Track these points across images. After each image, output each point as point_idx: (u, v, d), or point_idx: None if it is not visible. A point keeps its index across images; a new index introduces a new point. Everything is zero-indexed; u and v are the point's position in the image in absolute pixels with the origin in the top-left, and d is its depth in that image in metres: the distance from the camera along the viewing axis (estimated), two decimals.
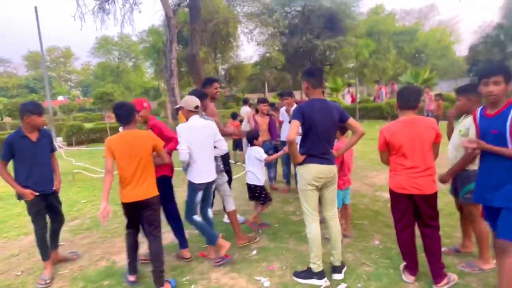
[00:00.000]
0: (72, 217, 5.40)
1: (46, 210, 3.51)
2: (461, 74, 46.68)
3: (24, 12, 55.12)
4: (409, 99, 2.72)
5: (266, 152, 5.81)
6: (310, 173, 2.83)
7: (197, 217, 3.44)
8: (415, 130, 2.64)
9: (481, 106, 2.47)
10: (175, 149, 3.38)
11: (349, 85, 19.28)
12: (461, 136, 2.90)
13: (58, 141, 15.53)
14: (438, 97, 11.71)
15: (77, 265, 3.66)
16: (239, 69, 28.50)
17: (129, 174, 2.92)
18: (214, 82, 4.24)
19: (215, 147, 3.46)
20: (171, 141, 3.42)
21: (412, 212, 2.75)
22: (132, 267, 3.19)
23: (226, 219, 4.48)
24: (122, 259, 3.70)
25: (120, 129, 3.13)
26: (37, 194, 3.36)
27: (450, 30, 54.60)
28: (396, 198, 2.78)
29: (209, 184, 3.45)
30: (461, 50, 53.12)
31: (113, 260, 3.70)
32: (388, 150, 2.80)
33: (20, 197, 3.34)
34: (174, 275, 3.25)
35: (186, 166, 3.64)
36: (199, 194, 3.40)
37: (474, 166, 2.81)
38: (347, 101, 19.12)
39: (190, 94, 3.81)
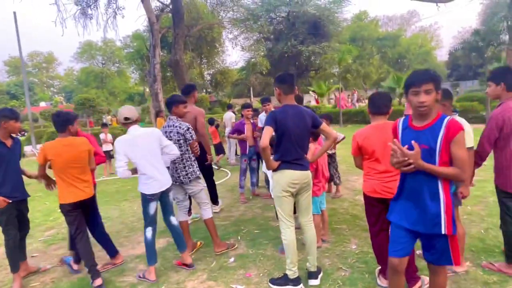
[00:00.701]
0: (48, 226, 5.26)
1: (16, 218, 3.39)
2: (442, 79, 47.95)
3: (4, 17, 53.96)
4: (379, 105, 2.75)
5: (250, 157, 5.82)
6: (284, 179, 2.82)
7: (149, 232, 3.33)
8: (387, 135, 2.66)
9: (404, 116, 2.21)
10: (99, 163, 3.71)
11: (314, 91, 19.76)
12: None
13: (39, 148, 15.14)
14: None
15: (49, 277, 3.54)
16: (225, 74, 28.47)
17: (69, 177, 3.18)
18: (194, 90, 4.61)
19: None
20: (96, 156, 3.60)
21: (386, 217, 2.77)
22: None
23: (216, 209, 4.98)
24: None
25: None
26: (10, 201, 3.26)
27: (431, 36, 56.09)
28: (370, 202, 2.79)
29: (164, 193, 3.37)
30: (442, 55, 54.68)
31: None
32: (361, 155, 2.82)
33: None
34: (148, 285, 3.19)
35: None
36: (152, 205, 3.30)
37: None
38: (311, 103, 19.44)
39: (168, 99, 3.78)
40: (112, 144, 9.12)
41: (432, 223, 2.01)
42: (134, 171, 3.30)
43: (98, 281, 3.18)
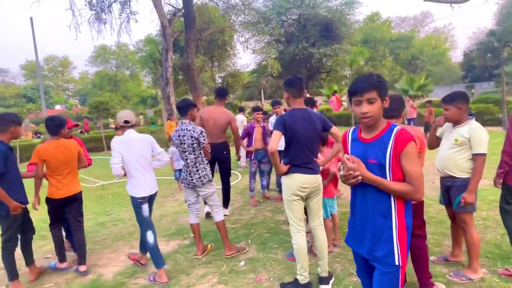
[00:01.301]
0: None
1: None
2: (457, 80, 47.08)
3: (23, 22, 55.44)
4: (391, 108, 2.71)
5: (260, 160, 5.81)
6: (294, 183, 2.81)
7: (150, 236, 3.40)
8: None
9: (355, 126, 1.95)
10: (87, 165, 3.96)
11: (334, 92, 19.33)
12: (458, 146, 2.83)
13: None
14: (428, 103, 11.63)
15: (62, 278, 3.60)
16: (236, 77, 28.59)
17: (59, 175, 3.52)
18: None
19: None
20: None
21: None
22: (63, 256, 3.78)
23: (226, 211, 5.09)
24: (108, 272, 3.65)
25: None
26: (24, 206, 3.34)
27: (445, 37, 55.17)
28: None
29: (151, 197, 3.49)
30: (457, 56, 53.74)
31: (100, 273, 3.64)
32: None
33: (7, 211, 3.20)
34: None
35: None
36: (144, 207, 3.39)
37: (469, 174, 2.81)
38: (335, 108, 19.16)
39: (178, 103, 3.83)
40: None
41: (383, 251, 1.71)
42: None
43: (64, 265, 3.74)
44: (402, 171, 1.69)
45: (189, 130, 3.60)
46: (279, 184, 5.83)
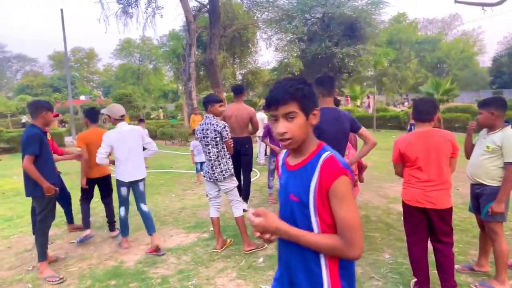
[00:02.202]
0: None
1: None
2: (484, 86, 45.51)
3: (52, 13, 57.21)
4: (422, 111, 2.65)
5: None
6: None
7: (122, 211, 4.02)
8: (431, 142, 2.56)
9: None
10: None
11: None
12: (489, 153, 2.74)
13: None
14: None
15: (86, 263, 3.71)
16: (256, 74, 28.58)
17: (94, 159, 3.85)
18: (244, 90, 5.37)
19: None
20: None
21: (425, 227, 2.66)
22: (87, 224, 4.34)
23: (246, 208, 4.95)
24: (129, 260, 3.73)
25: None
26: (56, 188, 3.48)
27: (474, 41, 53.37)
28: (409, 211, 2.69)
29: (136, 182, 3.95)
30: (485, 61, 51.90)
31: (122, 260, 3.73)
32: (402, 162, 2.73)
33: (42, 192, 3.35)
34: (179, 279, 3.25)
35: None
36: (122, 189, 3.93)
37: (499, 183, 2.72)
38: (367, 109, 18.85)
39: (204, 98, 3.87)
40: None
41: None
42: (113, 162, 3.96)
43: (88, 231, 4.27)
44: (331, 214, 1.22)
45: (213, 124, 3.63)
46: None
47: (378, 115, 18.08)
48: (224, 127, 3.62)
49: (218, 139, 3.63)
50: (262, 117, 9.18)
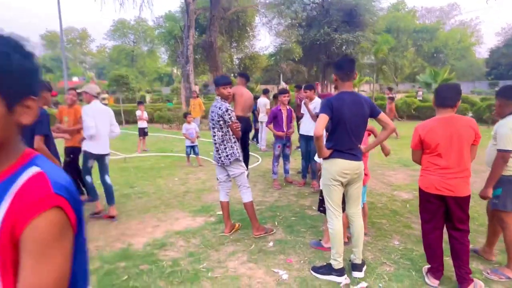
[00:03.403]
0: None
1: None
2: (480, 77, 45.70)
3: None
4: (446, 96, 2.61)
5: (285, 144, 5.76)
6: (335, 168, 2.75)
7: (89, 178, 4.39)
8: (453, 129, 2.53)
9: None
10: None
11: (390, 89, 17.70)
12: (493, 140, 2.88)
13: None
14: (390, 100, 11.70)
15: (92, 244, 3.66)
16: (254, 59, 28.21)
17: None
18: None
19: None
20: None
21: (443, 214, 2.66)
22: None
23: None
24: (137, 242, 3.70)
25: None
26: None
27: (471, 31, 53.25)
28: (427, 198, 2.68)
29: (102, 156, 4.36)
30: (481, 52, 51.99)
31: (129, 243, 3.69)
32: (421, 149, 2.70)
33: None
34: (190, 262, 3.23)
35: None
36: (90, 161, 4.32)
37: (506, 171, 2.74)
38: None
39: (215, 78, 3.77)
40: (147, 121, 9.26)
41: None
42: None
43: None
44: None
45: (216, 107, 3.56)
46: (304, 170, 5.79)
47: (376, 103, 17.92)
48: (226, 111, 3.50)
49: (221, 122, 3.55)
50: (264, 102, 9.09)
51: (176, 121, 14.20)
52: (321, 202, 3.34)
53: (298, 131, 5.90)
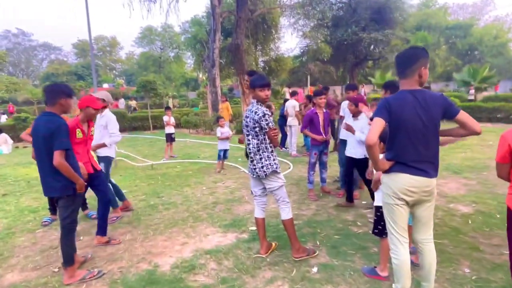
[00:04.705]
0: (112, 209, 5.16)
1: None
2: None
3: (75, 2, 57.93)
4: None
5: (322, 151, 5.25)
6: (397, 185, 2.25)
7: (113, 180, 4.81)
8: None
9: None
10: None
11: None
12: None
13: None
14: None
15: (116, 265, 3.33)
16: (280, 61, 27.75)
17: None
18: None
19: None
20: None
21: None
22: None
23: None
24: (164, 263, 3.33)
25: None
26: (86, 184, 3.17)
27: (508, 26, 50.23)
28: None
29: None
30: None
31: (156, 263, 3.33)
32: (510, 162, 2.15)
33: (74, 191, 2.99)
34: None
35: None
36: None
37: None
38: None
39: (252, 79, 3.29)
40: (175, 127, 9.02)
41: None
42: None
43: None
44: None
45: (252, 111, 3.12)
46: (342, 178, 5.26)
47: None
48: (263, 116, 3.06)
49: (257, 129, 3.11)
50: (293, 104, 8.60)
51: (202, 126, 13.98)
52: (377, 222, 2.84)
53: (333, 136, 5.39)
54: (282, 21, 24.89)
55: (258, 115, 3.08)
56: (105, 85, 46.43)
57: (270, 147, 3.24)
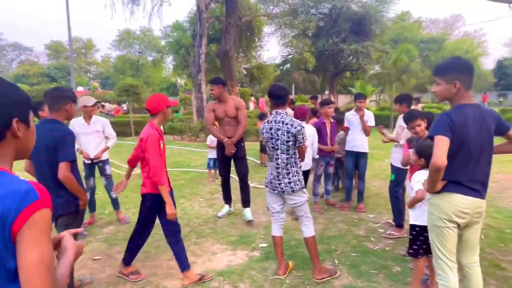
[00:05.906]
0: (105, 221, 4.79)
1: None
2: (488, 87, 45.15)
3: (48, 2, 55.66)
4: None
5: (328, 162, 5.11)
6: (450, 206, 2.11)
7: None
8: None
9: None
10: None
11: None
12: None
13: None
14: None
15: None
16: (262, 69, 27.80)
17: None
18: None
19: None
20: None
21: None
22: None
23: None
24: (173, 286, 3.03)
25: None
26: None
27: (478, 42, 53.06)
28: None
29: None
30: (487, 63, 51.56)
31: (164, 286, 3.02)
32: None
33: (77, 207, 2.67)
34: None
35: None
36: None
37: None
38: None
39: (272, 87, 3.11)
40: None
41: None
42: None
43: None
44: None
45: (286, 124, 2.91)
46: (348, 191, 5.13)
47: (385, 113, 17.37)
48: (301, 129, 2.90)
49: (291, 143, 2.91)
50: (291, 113, 8.44)
51: (188, 132, 13.59)
52: (413, 242, 2.69)
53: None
54: (265, 29, 25.03)
55: (295, 128, 2.88)
56: (80, 88, 44.75)
57: (299, 161, 3.05)
